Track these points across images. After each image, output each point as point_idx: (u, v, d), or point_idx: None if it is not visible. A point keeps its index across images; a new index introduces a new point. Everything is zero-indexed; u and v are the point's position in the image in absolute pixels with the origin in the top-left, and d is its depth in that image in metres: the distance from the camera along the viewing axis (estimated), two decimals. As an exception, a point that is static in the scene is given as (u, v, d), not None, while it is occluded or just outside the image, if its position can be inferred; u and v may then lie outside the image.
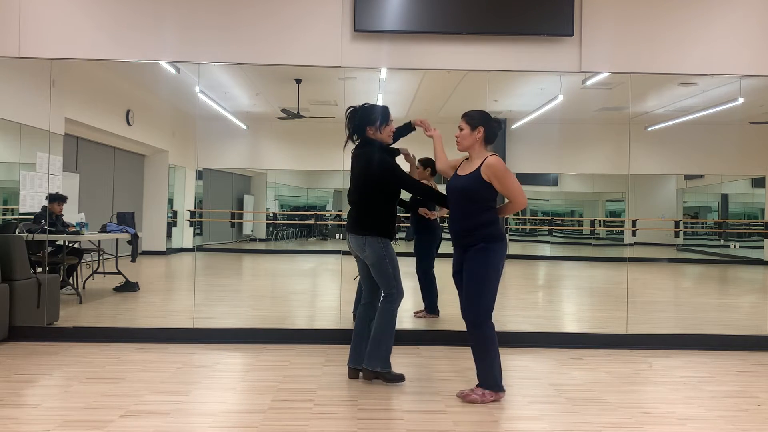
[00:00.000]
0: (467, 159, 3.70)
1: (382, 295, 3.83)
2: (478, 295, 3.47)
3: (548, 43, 5.02)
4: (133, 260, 7.07)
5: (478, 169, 3.52)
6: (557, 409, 3.37)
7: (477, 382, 3.55)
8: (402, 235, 8.44)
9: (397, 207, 3.99)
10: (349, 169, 3.95)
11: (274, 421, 3.11)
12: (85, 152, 7.61)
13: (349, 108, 3.89)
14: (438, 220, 5.95)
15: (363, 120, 3.82)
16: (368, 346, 3.78)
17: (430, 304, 5.81)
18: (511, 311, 6.32)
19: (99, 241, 6.83)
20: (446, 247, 4.50)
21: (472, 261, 3.50)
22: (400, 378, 3.81)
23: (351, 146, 3.92)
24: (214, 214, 11.87)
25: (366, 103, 3.88)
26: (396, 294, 3.79)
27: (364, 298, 3.95)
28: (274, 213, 14.28)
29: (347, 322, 5.27)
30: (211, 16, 4.97)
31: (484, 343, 3.48)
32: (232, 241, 12.38)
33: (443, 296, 5.83)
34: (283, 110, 9.22)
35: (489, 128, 3.61)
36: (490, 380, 3.50)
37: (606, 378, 4.03)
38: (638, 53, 5.05)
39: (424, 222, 5.77)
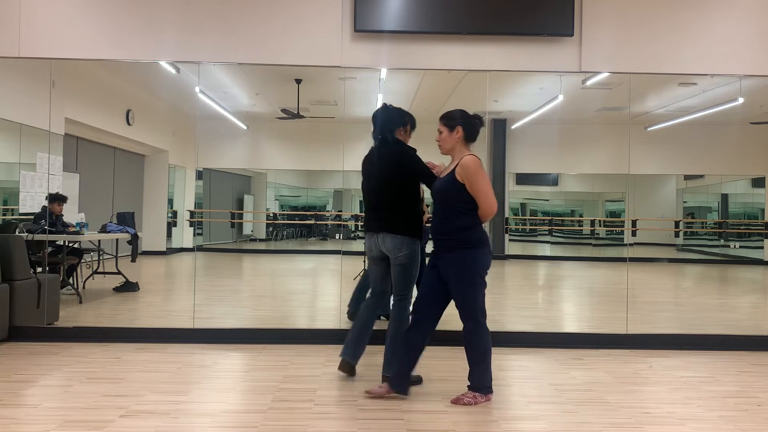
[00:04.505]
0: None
1: (396, 297, 3.78)
2: (469, 301, 3.42)
3: (548, 43, 5.02)
4: (133, 260, 7.08)
5: (454, 169, 3.45)
6: (557, 409, 3.37)
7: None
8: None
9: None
10: (361, 170, 3.88)
11: (274, 421, 3.11)
12: (85, 152, 7.61)
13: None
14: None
15: (392, 121, 3.79)
16: (386, 353, 3.72)
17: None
18: (511, 311, 6.32)
19: (99, 241, 6.83)
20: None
21: (455, 268, 3.41)
22: (418, 380, 3.81)
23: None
24: (214, 214, 11.88)
25: (390, 105, 3.83)
26: (410, 296, 3.78)
27: (373, 296, 3.92)
28: (274, 213, 14.29)
29: (347, 322, 5.27)
30: (211, 17, 4.96)
31: (482, 348, 3.46)
32: (232, 241, 12.40)
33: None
34: (283, 110, 9.23)
35: (468, 126, 3.50)
36: (483, 383, 3.48)
37: (606, 378, 4.03)
38: (638, 53, 5.05)
39: None
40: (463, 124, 3.50)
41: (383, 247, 3.73)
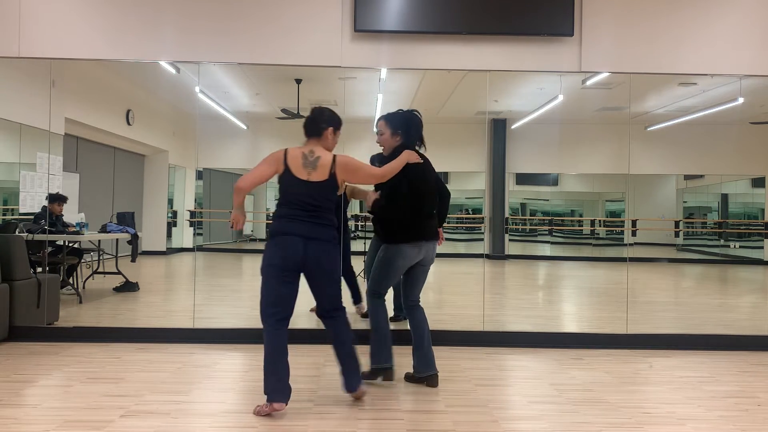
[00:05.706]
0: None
1: (418, 299, 3.85)
2: (261, 293, 3.37)
3: (548, 43, 5.02)
4: (133, 260, 7.07)
5: None
6: (557, 409, 3.37)
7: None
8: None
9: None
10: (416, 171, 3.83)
11: (274, 421, 3.11)
12: (85, 152, 7.61)
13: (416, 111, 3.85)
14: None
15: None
16: (429, 351, 3.74)
17: (355, 295, 5.87)
18: (511, 311, 6.32)
19: (99, 241, 6.83)
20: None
21: None
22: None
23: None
24: (214, 214, 11.87)
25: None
26: None
27: (412, 300, 3.85)
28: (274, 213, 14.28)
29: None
30: (211, 17, 4.96)
31: (266, 348, 3.25)
32: (232, 241, 12.38)
33: (442, 296, 5.84)
34: (283, 110, 9.22)
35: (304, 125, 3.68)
36: (266, 389, 3.20)
37: (606, 378, 4.03)
38: (638, 53, 5.05)
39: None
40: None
41: (431, 253, 3.76)
